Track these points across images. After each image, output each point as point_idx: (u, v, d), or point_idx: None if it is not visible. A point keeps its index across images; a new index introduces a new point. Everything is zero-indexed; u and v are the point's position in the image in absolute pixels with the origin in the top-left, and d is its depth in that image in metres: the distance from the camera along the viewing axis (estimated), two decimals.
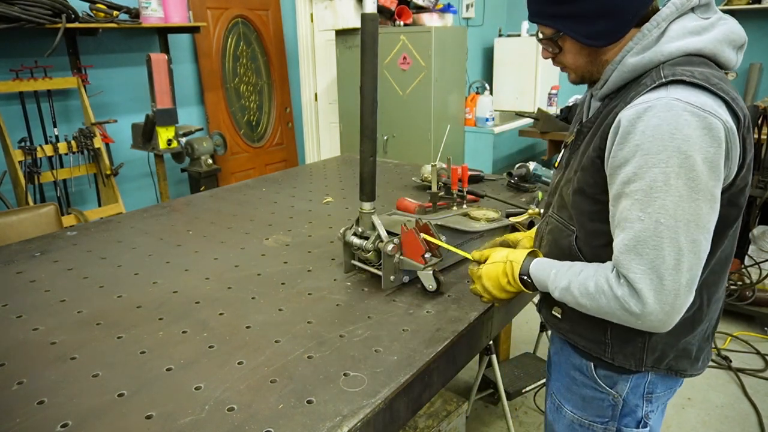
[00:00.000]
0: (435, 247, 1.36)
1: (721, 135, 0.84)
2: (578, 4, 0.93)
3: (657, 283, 0.86)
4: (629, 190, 0.88)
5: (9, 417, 0.92)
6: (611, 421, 1.12)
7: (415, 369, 1.06)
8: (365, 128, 1.31)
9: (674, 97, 0.85)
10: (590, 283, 0.95)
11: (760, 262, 3.19)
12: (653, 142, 0.84)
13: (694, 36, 0.93)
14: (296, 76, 4.77)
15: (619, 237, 0.91)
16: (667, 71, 0.89)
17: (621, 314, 0.91)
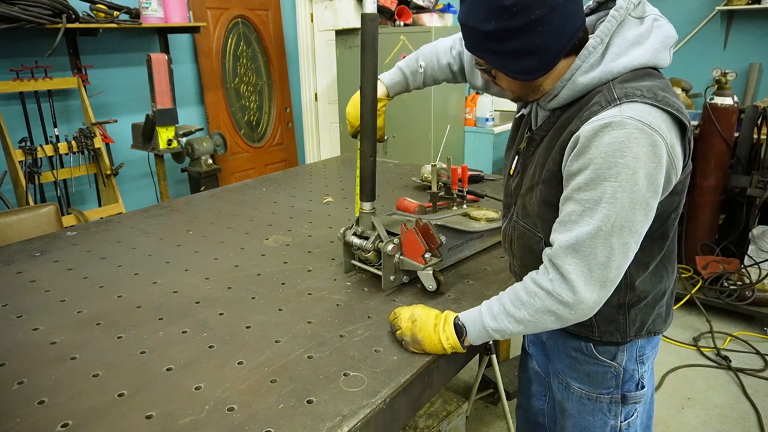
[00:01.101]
0: (435, 247, 1.36)
1: (663, 152, 0.93)
2: (504, 44, 0.96)
3: (587, 274, 0.98)
4: (579, 197, 0.97)
5: (9, 417, 0.93)
6: (615, 390, 1.21)
7: (415, 369, 1.06)
8: (365, 128, 1.31)
9: (627, 115, 0.92)
10: (521, 293, 1.05)
11: (760, 262, 3.19)
12: (606, 158, 0.92)
13: (635, 47, 0.98)
14: (296, 76, 4.77)
15: (562, 234, 1.00)
16: (618, 90, 0.95)
17: (555, 307, 1.01)
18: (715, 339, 3.06)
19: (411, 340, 1.11)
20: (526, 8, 0.90)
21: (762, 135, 3.28)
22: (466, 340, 1.11)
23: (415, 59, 1.39)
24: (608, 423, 1.24)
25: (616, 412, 1.24)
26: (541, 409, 1.56)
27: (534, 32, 0.93)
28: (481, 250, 1.61)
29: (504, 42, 0.96)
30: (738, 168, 3.32)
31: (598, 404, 1.24)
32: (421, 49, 1.41)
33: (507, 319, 1.06)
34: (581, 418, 1.27)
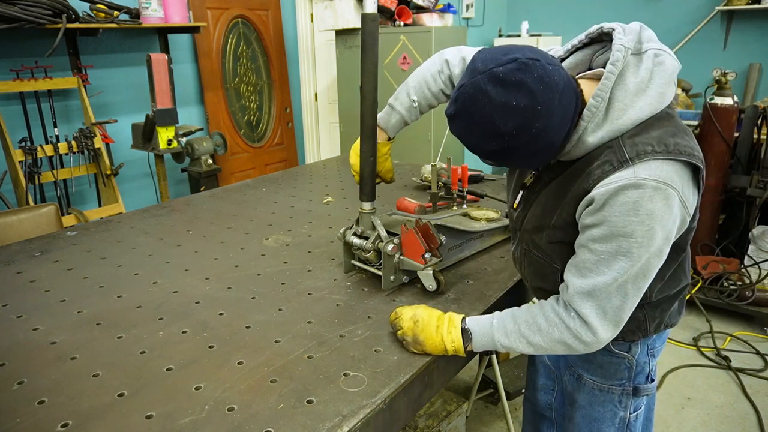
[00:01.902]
0: (435, 247, 1.36)
1: (675, 203, 0.95)
2: (510, 154, 0.96)
3: (602, 316, 1.01)
4: (594, 248, 0.99)
5: (9, 417, 0.93)
6: (628, 382, 1.24)
7: (415, 369, 1.06)
8: (365, 128, 1.31)
9: (641, 176, 0.93)
10: (540, 320, 1.07)
11: (760, 262, 3.19)
12: (620, 217, 0.94)
13: (639, 97, 0.96)
14: (296, 76, 4.77)
15: (578, 280, 1.02)
16: (629, 149, 0.95)
17: (571, 341, 1.04)
18: (715, 339, 3.07)
19: (412, 341, 1.10)
20: (525, 126, 0.90)
21: (762, 135, 3.28)
22: (469, 346, 1.11)
23: (406, 94, 1.34)
24: (618, 414, 1.27)
25: (626, 404, 1.26)
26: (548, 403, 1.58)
27: (538, 138, 0.92)
28: (481, 250, 1.61)
29: (509, 154, 0.96)
30: (738, 168, 3.32)
31: (610, 395, 1.26)
32: (408, 81, 1.35)
33: (519, 339, 1.08)
34: (591, 409, 1.29)
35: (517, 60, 0.88)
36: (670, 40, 5.12)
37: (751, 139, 3.28)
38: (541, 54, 0.92)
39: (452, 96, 0.96)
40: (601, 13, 5.48)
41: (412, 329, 1.11)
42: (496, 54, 0.91)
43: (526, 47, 0.93)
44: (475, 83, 0.90)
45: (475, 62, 0.93)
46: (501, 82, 0.88)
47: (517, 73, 0.88)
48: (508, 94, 0.88)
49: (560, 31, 5.77)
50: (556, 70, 0.90)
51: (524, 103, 0.88)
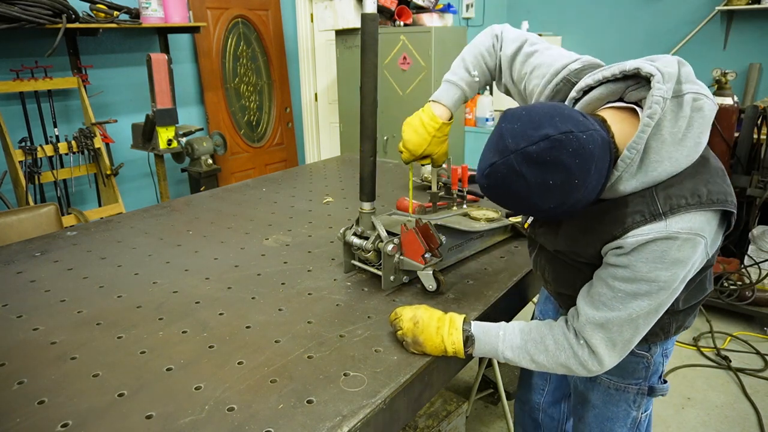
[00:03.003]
0: (435, 247, 1.36)
1: (701, 249, 0.95)
2: (550, 216, 0.96)
3: (611, 347, 1.04)
4: (614, 285, 0.99)
5: (9, 417, 0.93)
6: (644, 382, 1.25)
7: (415, 369, 1.06)
8: (365, 128, 1.31)
9: (673, 231, 0.93)
10: (549, 342, 1.08)
11: (760, 262, 3.19)
12: (647, 264, 0.95)
13: (675, 148, 0.92)
14: (296, 76, 4.77)
15: (591, 310, 1.03)
16: (662, 202, 0.94)
17: (576, 368, 1.06)
18: (715, 339, 3.06)
19: (412, 341, 1.10)
20: (563, 200, 0.88)
21: (762, 135, 3.27)
22: (470, 349, 1.11)
23: (464, 69, 1.30)
24: (630, 414, 1.28)
25: (640, 404, 1.27)
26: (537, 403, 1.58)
27: (575, 205, 0.91)
28: (481, 250, 1.61)
29: (549, 216, 0.97)
30: (738, 168, 3.32)
31: (625, 395, 1.26)
32: (465, 57, 1.31)
33: (524, 356, 1.09)
34: (605, 408, 1.29)
35: (549, 137, 0.84)
36: (670, 40, 5.12)
37: (751, 139, 3.28)
38: (572, 119, 0.87)
39: (482, 168, 0.92)
40: (601, 13, 5.48)
41: (412, 330, 1.10)
42: (526, 129, 0.86)
43: (556, 112, 0.88)
44: (508, 164, 0.87)
45: (504, 138, 0.88)
46: (536, 162, 0.85)
47: (552, 151, 0.84)
48: (544, 174, 0.85)
49: (560, 31, 5.77)
50: (590, 137, 0.86)
51: (561, 180, 0.86)
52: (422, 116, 1.30)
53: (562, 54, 1.15)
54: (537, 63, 1.17)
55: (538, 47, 1.19)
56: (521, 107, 0.92)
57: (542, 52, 1.18)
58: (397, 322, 1.13)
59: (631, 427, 1.29)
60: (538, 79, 1.15)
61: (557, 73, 1.11)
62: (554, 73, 1.11)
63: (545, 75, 1.13)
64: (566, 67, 1.10)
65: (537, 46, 1.20)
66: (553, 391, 1.59)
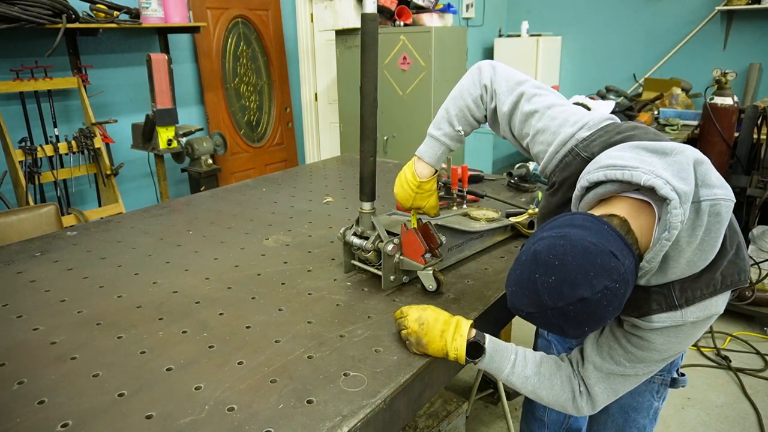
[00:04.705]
0: (435, 247, 1.36)
1: (713, 321, 1.01)
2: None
3: (612, 396, 1.09)
4: (627, 347, 1.04)
5: (9, 417, 0.92)
6: (667, 373, 1.28)
7: (415, 369, 1.06)
8: (365, 128, 1.31)
9: (690, 319, 0.97)
10: (555, 382, 1.11)
11: (760, 262, 3.19)
12: (662, 339, 1.00)
13: (694, 257, 0.92)
14: (296, 76, 4.77)
15: (599, 360, 1.07)
16: (678, 293, 0.96)
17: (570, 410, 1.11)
18: (715, 339, 3.06)
19: (415, 342, 1.09)
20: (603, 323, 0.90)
21: (762, 135, 3.28)
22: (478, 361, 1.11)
23: (448, 124, 1.26)
24: (653, 405, 1.31)
25: (662, 395, 1.30)
26: None
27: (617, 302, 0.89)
28: (481, 250, 1.61)
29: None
30: (738, 168, 3.32)
31: (651, 385, 1.29)
32: (449, 109, 1.26)
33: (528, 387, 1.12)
34: (631, 398, 1.32)
35: (585, 300, 0.83)
36: (670, 40, 5.12)
37: (751, 139, 3.28)
38: (606, 270, 0.83)
39: (517, 308, 0.92)
40: (601, 13, 5.48)
41: (417, 331, 1.10)
42: (562, 287, 0.84)
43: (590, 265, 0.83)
44: (547, 318, 0.87)
45: (539, 292, 0.86)
46: (573, 319, 0.86)
47: (588, 311, 0.84)
48: (581, 325, 0.87)
49: (560, 31, 5.77)
50: (622, 281, 0.84)
51: (597, 325, 0.89)
52: (406, 173, 1.31)
53: (566, 119, 1.08)
54: (539, 127, 1.11)
55: (536, 105, 1.12)
56: (554, 254, 0.85)
57: (543, 113, 1.11)
58: (402, 321, 1.13)
59: (652, 418, 1.33)
60: (542, 146, 1.11)
61: (563, 143, 1.06)
62: (560, 143, 1.07)
63: (550, 144, 1.09)
64: (573, 137, 1.06)
65: (535, 102, 1.13)
66: None
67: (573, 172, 1.05)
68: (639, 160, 0.91)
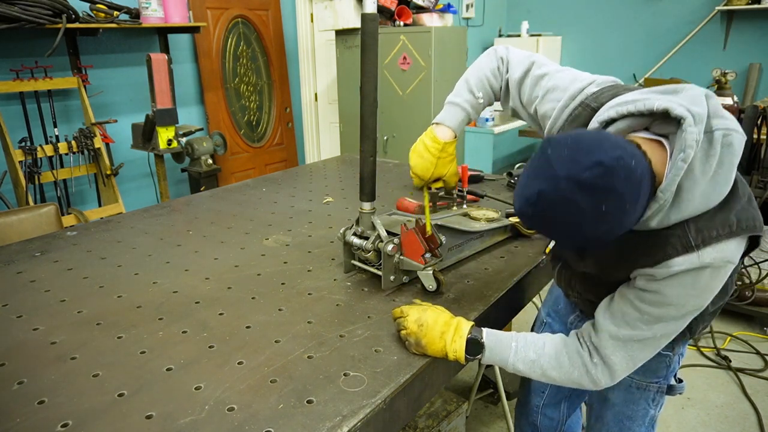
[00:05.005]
0: (435, 247, 1.36)
1: (730, 271, 0.98)
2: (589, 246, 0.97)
3: (630, 366, 1.05)
4: (641, 307, 1.00)
5: (9, 417, 0.93)
6: (663, 380, 1.26)
7: (415, 369, 1.06)
8: (365, 128, 1.31)
9: (705, 262, 0.94)
10: (563, 359, 1.09)
11: (760, 262, 3.19)
12: (677, 291, 0.97)
13: (708, 188, 0.91)
14: (296, 76, 4.77)
15: (613, 328, 1.03)
16: (694, 235, 0.94)
17: (587, 384, 1.08)
18: (715, 339, 3.06)
19: (414, 343, 1.10)
20: (612, 227, 0.86)
21: (762, 135, 3.28)
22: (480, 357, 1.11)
23: (468, 91, 1.28)
24: (649, 412, 1.29)
25: (658, 402, 1.28)
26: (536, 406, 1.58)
27: (621, 231, 0.89)
28: (481, 250, 1.61)
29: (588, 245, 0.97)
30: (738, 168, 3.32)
31: (646, 393, 1.27)
32: (468, 78, 1.29)
33: (536, 370, 1.09)
34: (625, 407, 1.30)
35: (602, 164, 0.81)
36: (670, 40, 5.12)
37: (751, 139, 3.28)
38: (620, 145, 0.85)
39: (526, 195, 0.88)
40: (601, 13, 5.48)
41: (416, 333, 1.09)
42: (576, 155, 0.83)
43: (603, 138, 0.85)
44: (560, 191, 0.83)
45: (552, 165, 0.85)
46: (589, 188, 0.82)
47: (605, 177, 0.81)
48: (597, 200, 0.83)
49: (560, 31, 5.77)
50: (638, 163, 0.85)
51: (614, 206, 0.84)
52: (425, 140, 1.28)
53: (575, 77, 1.13)
54: (549, 86, 1.15)
55: (547, 69, 1.17)
56: (565, 135, 0.88)
57: (553, 75, 1.16)
58: (402, 321, 1.12)
59: (648, 426, 1.31)
60: (552, 103, 1.13)
61: (573, 97, 1.09)
62: (570, 97, 1.09)
63: (560, 99, 1.11)
64: (582, 91, 1.08)
65: (545, 68, 1.18)
66: (555, 393, 1.59)
67: (582, 122, 1.06)
68: (649, 95, 0.94)
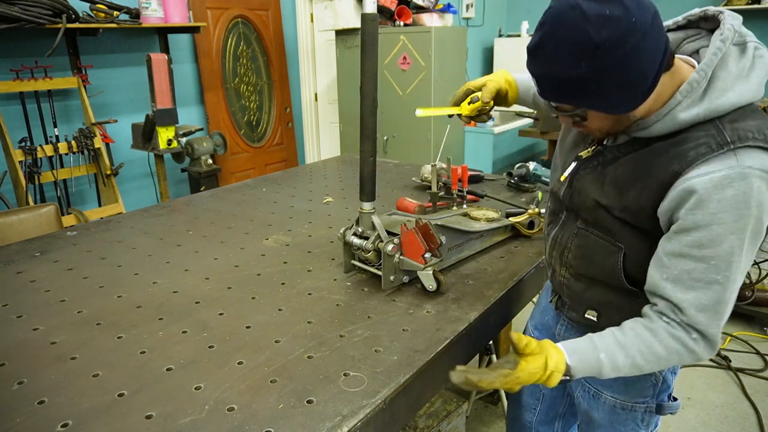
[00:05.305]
0: (435, 247, 1.36)
1: None
2: (600, 84, 0.87)
3: (723, 322, 0.96)
4: (702, 254, 0.91)
5: (9, 417, 0.93)
6: (651, 399, 1.19)
7: (415, 369, 1.06)
8: (365, 128, 1.31)
9: (747, 165, 0.88)
10: (658, 349, 0.97)
11: (760, 262, 3.19)
12: (731, 212, 0.88)
13: (740, 82, 0.91)
14: (296, 76, 4.77)
15: (691, 296, 0.93)
16: (730, 133, 0.89)
17: (688, 362, 0.99)
18: None
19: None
20: (619, 38, 0.82)
21: None
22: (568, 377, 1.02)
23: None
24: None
25: (648, 422, 1.21)
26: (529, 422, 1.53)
27: (630, 62, 0.84)
28: (481, 250, 1.61)
29: (599, 82, 0.87)
30: None
31: (633, 414, 1.20)
32: None
33: (633, 370, 0.99)
34: (612, 428, 1.23)
35: None
36: None
37: None
38: None
39: (537, 25, 0.89)
40: None
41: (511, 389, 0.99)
42: None
43: None
44: (566, 1, 0.84)
45: None
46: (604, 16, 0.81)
47: None
48: (602, 6, 0.82)
49: None
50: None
51: (619, 13, 0.81)
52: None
53: None
54: None
55: None
56: None
57: None
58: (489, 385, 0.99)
59: None
60: None
61: None
62: None
63: None
64: None
65: None
66: (546, 410, 1.50)
67: None
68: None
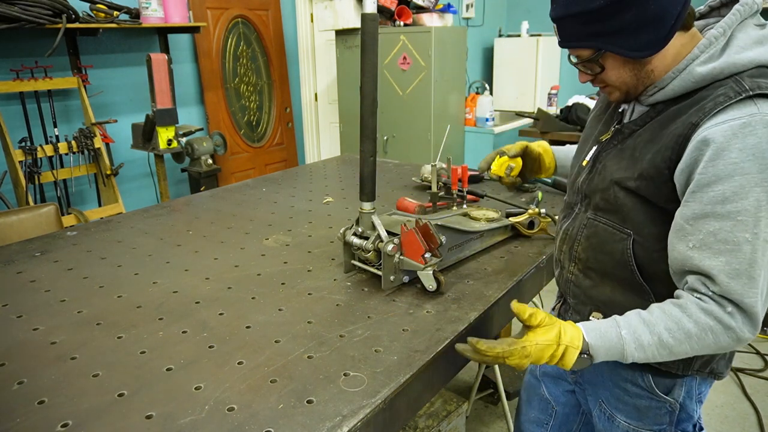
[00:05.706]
0: (435, 247, 1.36)
1: None
2: (618, 18, 0.87)
3: (764, 301, 0.87)
4: (726, 211, 0.85)
5: (9, 417, 0.92)
6: (669, 427, 1.13)
7: (415, 369, 1.05)
8: (365, 128, 1.31)
9: (766, 111, 0.84)
10: (688, 326, 0.88)
11: None
12: (754, 161, 0.83)
13: (759, 46, 0.91)
14: (296, 76, 4.77)
15: (722, 260, 0.86)
16: (749, 83, 0.87)
17: (727, 344, 0.88)
18: None
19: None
20: None
21: None
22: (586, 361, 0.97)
23: None
24: None
25: None
26: None
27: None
28: (481, 250, 1.61)
29: (617, 16, 0.86)
30: None
31: None
32: None
33: (661, 351, 0.91)
34: None
35: None
36: None
37: None
38: None
39: None
40: None
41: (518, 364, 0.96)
42: None
43: None
44: None
45: None
46: None
47: None
48: None
49: None
50: None
51: None
52: None
53: None
54: None
55: None
56: None
57: None
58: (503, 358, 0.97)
59: None
60: None
61: None
62: None
63: None
64: None
65: None
66: (559, 426, 1.43)
67: None
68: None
